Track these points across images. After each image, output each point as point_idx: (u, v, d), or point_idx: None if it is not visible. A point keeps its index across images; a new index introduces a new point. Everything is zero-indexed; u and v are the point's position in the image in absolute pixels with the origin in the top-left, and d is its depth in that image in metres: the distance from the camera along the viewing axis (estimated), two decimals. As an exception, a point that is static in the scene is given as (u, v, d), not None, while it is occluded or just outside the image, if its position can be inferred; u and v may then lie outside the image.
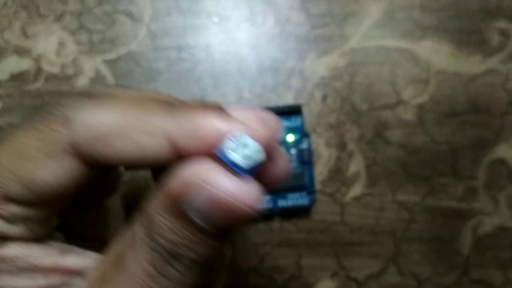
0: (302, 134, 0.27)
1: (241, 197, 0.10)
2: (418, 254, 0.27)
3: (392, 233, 0.27)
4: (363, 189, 0.27)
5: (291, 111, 0.27)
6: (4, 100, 0.27)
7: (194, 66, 0.28)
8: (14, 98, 0.27)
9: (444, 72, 0.28)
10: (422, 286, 0.26)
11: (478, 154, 0.27)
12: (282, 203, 0.26)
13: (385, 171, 0.27)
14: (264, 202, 0.10)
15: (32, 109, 0.27)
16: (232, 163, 0.10)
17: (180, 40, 0.28)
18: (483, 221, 0.27)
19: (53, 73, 0.27)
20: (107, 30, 0.28)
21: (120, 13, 0.28)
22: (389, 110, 0.27)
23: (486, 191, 0.27)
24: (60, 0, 0.28)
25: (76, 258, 0.13)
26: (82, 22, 0.28)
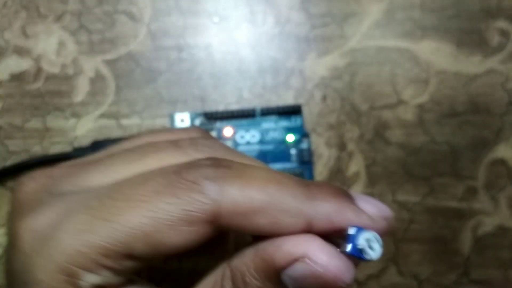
0: (302, 134, 0.27)
1: (339, 274, 0.11)
2: (418, 254, 0.27)
3: (392, 233, 0.27)
4: (363, 189, 0.27)
5: (291, 111, 0.27)
6: (4, 100, 0.27)
7: (194, 66, 0.28)
8: (14, 98, 0.27)
9: (444, 72, 0.28)
10: (422, 286, 0.26)
11: (478, 154, 0.27)
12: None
13: (385, 171, 0.27)
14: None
15: (32, 109, 0.27)
16: (357, 252, 0.12)
17: (180, 40, 0.28)
18: (483, 221, 0.27)
19: (53, 73, 0.27)
20: (107, 30, 0.28)
21: (120, 13, 0.28)
22: (389, 110, 0.27)
23: (486, 191, 0.27)
24: (60, 0, 0.28)
25: None
26: (82, 22, 0.28)
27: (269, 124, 0.27)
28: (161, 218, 0.12)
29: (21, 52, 0.27)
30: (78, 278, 0.12)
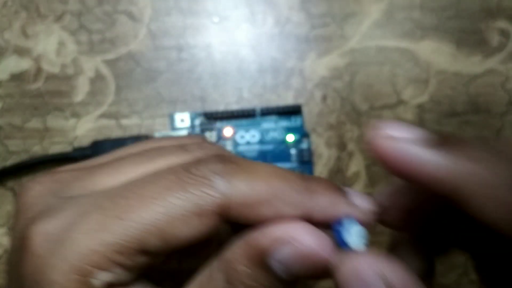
0: (302, 134, 0.27)
1: (324, 253, 0.12)
2: (418, 254, 0.27)
3: (392, 233, 0.27)
4: (363, 189, 0.27)
5: (291, 111, 0.27)
6: (4, 100, 0.27)
7: (194, 66, 0.28)
8: (14, 98, 0.27)
9: (444, 72, 0.28)
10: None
11: (478, 154, 0.27)
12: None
13: (385, 171, 0.27)
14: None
15: (32, 109, 0.27)
16: (343, 241, 0.13)
17: (180, 40, 0.28)
18: (483, 221, 0.27)
19: (53, 73, 0.27)
20: (107, 30, 0.28)
21: (120, 13, 0.28)
22: (389, 110, 0.27)
23: (486, 191, 0.27)
24: (60, 0, 0.28)
25: None
26: (82, 22, 0.28)
27: (269, 124, 0.27)
28: (173, 213, 0.12)
29: (21, 52, 0.27)
30: (91, 277, 0.12)
